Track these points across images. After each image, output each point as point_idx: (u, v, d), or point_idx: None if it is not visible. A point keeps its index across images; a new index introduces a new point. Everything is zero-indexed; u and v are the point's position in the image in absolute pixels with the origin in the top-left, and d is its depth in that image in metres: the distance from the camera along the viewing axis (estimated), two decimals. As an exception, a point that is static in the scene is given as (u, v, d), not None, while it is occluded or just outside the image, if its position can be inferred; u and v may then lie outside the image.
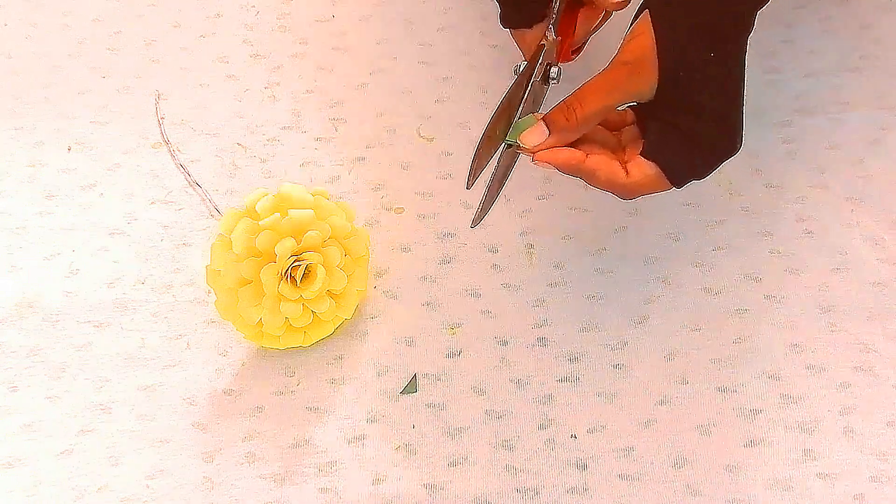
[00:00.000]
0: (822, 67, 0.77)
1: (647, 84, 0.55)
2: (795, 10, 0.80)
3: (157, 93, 0.78)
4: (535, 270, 0.68)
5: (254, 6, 0.83)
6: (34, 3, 0.83)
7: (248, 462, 0.61)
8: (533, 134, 0.56)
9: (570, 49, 0.65)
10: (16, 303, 0.67)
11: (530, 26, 0.65)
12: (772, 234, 0.69)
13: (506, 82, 0.57)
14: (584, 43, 0.66)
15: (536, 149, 0.56)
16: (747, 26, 0.56)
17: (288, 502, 0.60)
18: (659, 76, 0.54)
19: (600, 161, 0.56)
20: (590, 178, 0.57)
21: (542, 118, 0.56)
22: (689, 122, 0.55)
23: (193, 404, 0.64)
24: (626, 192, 0.57)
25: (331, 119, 0.77)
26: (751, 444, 0.61)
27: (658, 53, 0.54)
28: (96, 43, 0.81)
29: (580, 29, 0.64)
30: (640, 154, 0.56)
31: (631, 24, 0.57)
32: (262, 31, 0.82)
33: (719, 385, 0.63)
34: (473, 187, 0.55)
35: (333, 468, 0.61)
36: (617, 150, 0.58)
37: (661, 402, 0.63)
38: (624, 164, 0.57)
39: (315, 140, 0.75)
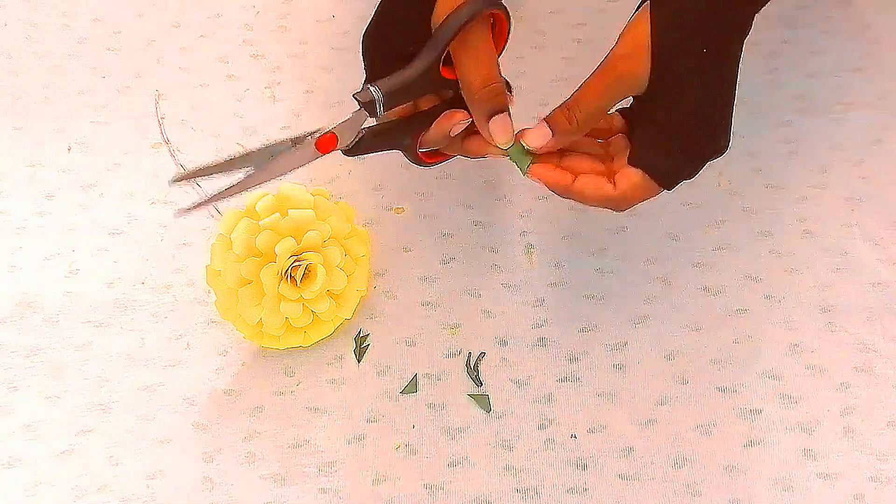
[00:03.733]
0: (823, 68, 0.77)
1: (641, 75, 0.54)
2: (796, 11, 0.80)
3: (157, 93, 0.78)
4: (535, 270, 0.68)
5: (254, 6, 0.83)
6: (34, 3, 0.83)
7: (248, 462, 0.61)
8: (536, 135, 0.56)
9: None
10: (16, 303, 0.67)
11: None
12: (772, 234, 0.69)
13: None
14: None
15: (541, 150, 0.56)
16: (745, 27, 0.55)
17: (288, 502, 0.60)
18: (651, 65, 0.54)
19: (587, 181, 0.56)
20: (579, 198, 0.57)
21: (545, 119, 0.56)
22: (672, 119, 0.55)
23: (193, 404, 0.63)
24: (618, 204, 0.57)
25: (331, 119, 0.76)
26: (751, 444, 0.61)
27: (652, 42, 0.54)
28: (96, 43, 0.81)
29: None
30: (627, 162, 0.56)
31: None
32: (262, 31, 0.81)
33: (719, 385, 0.63)
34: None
35: (333, 468, 0.61)
36: (605, 159, 0.58)
37: (661, 402, 0.63)
38: (612, 175, 0.57)
39: (315, 140, 0.75)
